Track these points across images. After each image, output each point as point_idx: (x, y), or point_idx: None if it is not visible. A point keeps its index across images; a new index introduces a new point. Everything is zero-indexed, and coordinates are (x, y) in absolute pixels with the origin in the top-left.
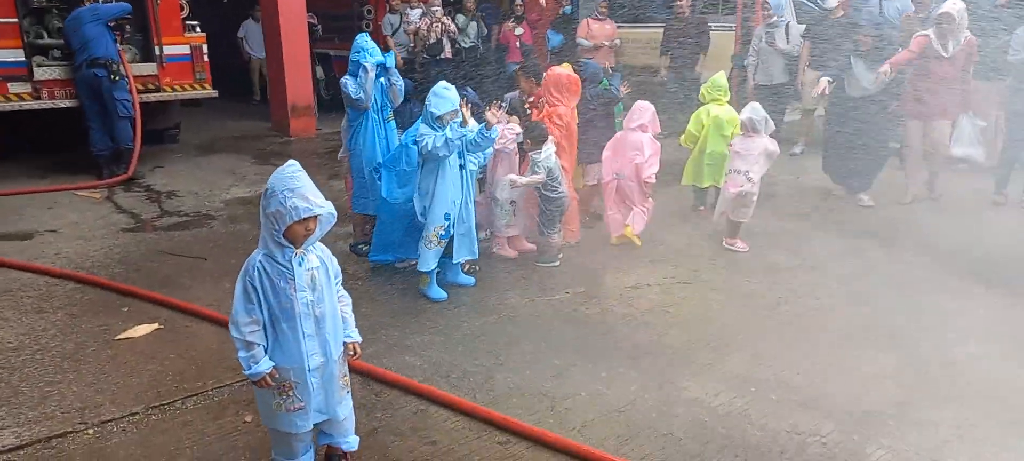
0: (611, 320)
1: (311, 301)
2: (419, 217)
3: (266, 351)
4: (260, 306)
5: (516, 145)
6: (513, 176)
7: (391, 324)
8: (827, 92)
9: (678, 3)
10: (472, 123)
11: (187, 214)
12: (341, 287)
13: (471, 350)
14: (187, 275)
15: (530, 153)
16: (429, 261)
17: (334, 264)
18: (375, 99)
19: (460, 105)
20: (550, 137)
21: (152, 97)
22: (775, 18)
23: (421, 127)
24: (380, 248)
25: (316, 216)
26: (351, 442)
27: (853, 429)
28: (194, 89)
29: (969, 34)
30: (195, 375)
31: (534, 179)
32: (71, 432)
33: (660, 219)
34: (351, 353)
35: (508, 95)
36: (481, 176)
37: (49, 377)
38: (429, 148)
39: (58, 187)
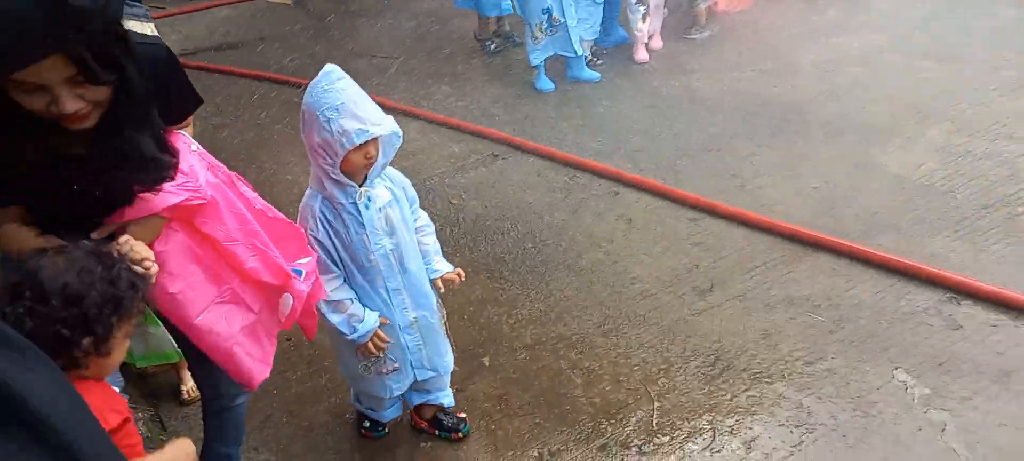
0: (804, 98)
1: (389, 249)
2: (517, 11)
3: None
4: (333, 262)
5: None
6: None
7: (559, 113)
8: None
9: None
10: None
11: None
12: (419, 212)
13: (655, 134)
14: None
15: None
16: (535, 55)
17: (409, 189)
18: None
19: None
20: None
21: None
22: None
23: None
24: None
25: (376, 138)
26: (448, 396)
27: None
28: None
29: None
30: None
31: None
32: None
33: None
34: (441, 290)
35: None
36: None
37: None
38: None
39: None
